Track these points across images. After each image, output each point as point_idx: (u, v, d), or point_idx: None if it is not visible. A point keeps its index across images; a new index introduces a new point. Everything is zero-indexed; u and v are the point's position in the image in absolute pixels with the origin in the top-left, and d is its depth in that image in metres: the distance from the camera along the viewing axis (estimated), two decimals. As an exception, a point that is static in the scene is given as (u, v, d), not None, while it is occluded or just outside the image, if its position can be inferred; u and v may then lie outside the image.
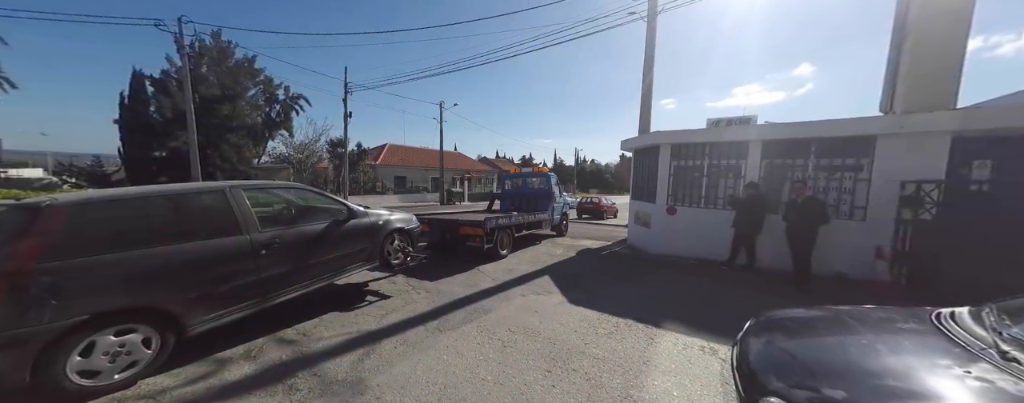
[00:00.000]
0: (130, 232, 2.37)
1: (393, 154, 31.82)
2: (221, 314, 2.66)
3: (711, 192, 6.39)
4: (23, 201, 2.37)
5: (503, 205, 9.48)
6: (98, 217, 2.31)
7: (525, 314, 3.62)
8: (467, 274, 5.21)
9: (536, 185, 9.39)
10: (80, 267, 2.10)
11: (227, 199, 2.87)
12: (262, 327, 3.11)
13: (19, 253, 1.99)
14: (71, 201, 2.28)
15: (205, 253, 2.60)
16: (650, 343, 3.01)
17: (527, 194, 9.25)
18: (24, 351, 1.91)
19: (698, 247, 6.43)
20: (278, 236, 3.02)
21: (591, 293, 4.42)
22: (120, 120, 21.20)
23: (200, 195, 2.86)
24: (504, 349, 2.83)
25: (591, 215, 16.96)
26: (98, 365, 2.14)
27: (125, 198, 2.52)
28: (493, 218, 6.19)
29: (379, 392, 2.22)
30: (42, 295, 1.97)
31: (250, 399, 2.15)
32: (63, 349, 2.01)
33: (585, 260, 6.61)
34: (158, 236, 2.47)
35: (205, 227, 2.70)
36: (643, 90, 9.38)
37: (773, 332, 1.86)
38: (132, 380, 2.26)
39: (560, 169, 76.88)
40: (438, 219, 6.48)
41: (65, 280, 2.04)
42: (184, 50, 15.70)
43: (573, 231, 10.80)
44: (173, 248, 2.46)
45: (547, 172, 9.28)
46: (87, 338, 2.10)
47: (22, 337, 1.90)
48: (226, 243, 2.72)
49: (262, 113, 26.45)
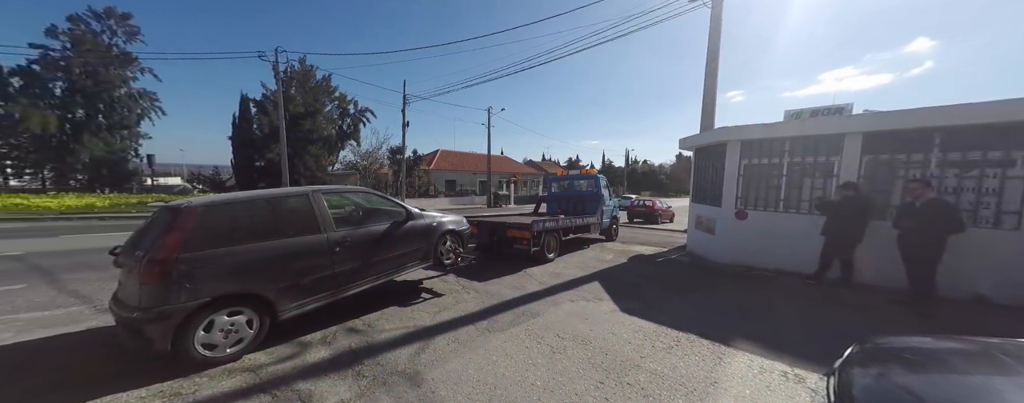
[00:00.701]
0: (240, 230, 2.76)
1: (444, 159, 33.61)
2: (304, 303, 2.99)
3: (792, 194, 5.56)
4: (169, 203, 2.93)
5: (550, 208, 9.37)
6: (218, 217, 2.72)
7: (574, 321, 3.52)
8: (514, 276, 5.24)
9: (584, 188, 9.13)
10: (206, 258, 2.50)
11: (310, 202, 3.21)
12: (335, 317, 3.47)
13: (167, 245, 2.41)
14: (201, 203, 2.73)
15: (293, 249, 2.94)
16: (718, 362, 2.70)
17: (574, 197, 9.03)
18: (168, 324, 2.32)
19: (775, 257, 5.63)
20: (349, 235, 3.31)
21: (646, 302, 4.13)
22: (232, 136, 25.78)
23: (290, 198, 3.22)
24: (553, 355, 2.77)
25: (644, 219, 15.90)
26: (215, 340, 2.54)
27: (237, 201, 2.96)
28: (540, 221, 6.13)
29: (433, 386, 2.33)
30: (180, 279, 2.37)
31: (326, 380, 2.41)
32: (192, 325, 2.42)
33: (638, 267, 6.22)
34: (259, 233, 2.84)
35: (293, 226, 3.05)
36: (706, 82, 8.55)
37: (888, 364, 1.53)
38: (239, 355, 2.66)
39: (609, 171, 73.76)
40: (486, 221, 6.59)
41: (195, 268, 2.43)
42: (278, 75, 18.57)
43: (624, 236, 10.25)
44: (270, 244, 2.83)
45: (596, 174, 8.96)
46: (209, 317, 2.50)
47: (167, 313, 2.31)
48: (309, 240, 3.05)
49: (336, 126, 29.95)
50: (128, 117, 30.94)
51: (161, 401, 2.12)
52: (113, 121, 29.88)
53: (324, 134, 27.60)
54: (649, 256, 7.23)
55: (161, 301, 2.32)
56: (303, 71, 27.07)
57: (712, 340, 3.07)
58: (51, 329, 3.19)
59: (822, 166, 5.29)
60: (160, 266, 2.34)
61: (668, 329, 3.31)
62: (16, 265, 5.55)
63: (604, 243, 8.69)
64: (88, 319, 3.42)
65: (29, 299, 3.97)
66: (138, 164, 31.83)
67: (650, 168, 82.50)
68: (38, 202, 14.96)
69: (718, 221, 6.42)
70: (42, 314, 3.54)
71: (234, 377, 2.40)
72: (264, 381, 2.37)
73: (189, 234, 2.50)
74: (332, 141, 28.87)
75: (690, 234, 7.91)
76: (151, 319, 2.30)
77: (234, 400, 2.15)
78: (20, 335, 3.06)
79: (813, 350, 2.87)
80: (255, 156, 25.52)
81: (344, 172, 29.30)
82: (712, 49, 8.52)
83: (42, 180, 28.99)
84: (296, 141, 24.36)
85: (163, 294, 2.33)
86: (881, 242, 4.43)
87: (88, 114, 28.82)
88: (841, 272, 4.77)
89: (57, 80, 27.84)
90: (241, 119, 25.76)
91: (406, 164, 23.85)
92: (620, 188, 54.59)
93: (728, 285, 4.98)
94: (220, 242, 2.62)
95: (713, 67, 8.51)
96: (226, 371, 2.48)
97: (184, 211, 2.58)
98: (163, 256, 2.37)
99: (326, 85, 28.67)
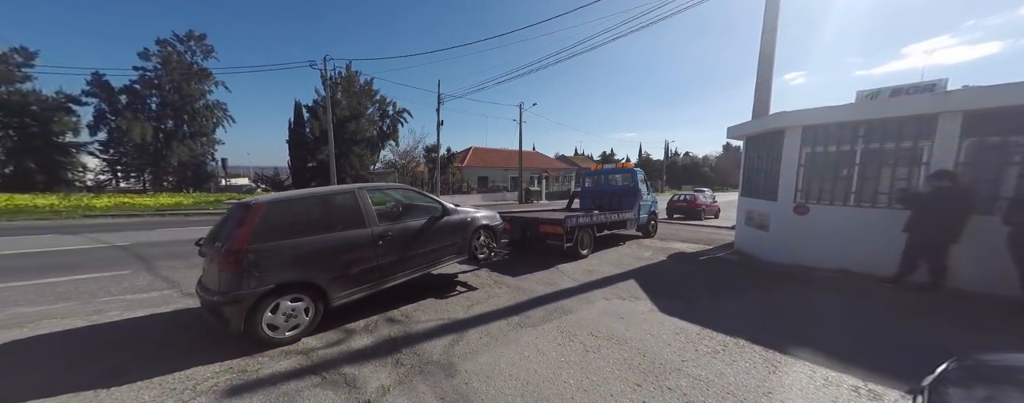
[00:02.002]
0: (298, 224, 3.02)
1: (476, 156, 34.16)
2: (352, 292, 3.21)
3: (867, 185, 4.87)
4: (241, 200, 3.29)
5: (583, 203, 9.12)
6: (280, 213, 2.99)
7: (609, 319, 3.40)
8: (546, 272, 5.20)
9: (619, 182, 8.75)
10: (271, 249, 2.76)
11: (356, 199, 3.43)
12: (376, 306, 3.68)
13: (240, 237, 2.69)
14: (265, 200, 3.00)
15: (342, 241, 3.16)
16: (772, 371, 2.45)
17: (609, 192, 8.71)
18: (241, 307, 2.62)
19: (842, 256, 5.00)
20: (390, 229, 3.50)
21: (688, 303, 3.88)
22: (288, 139, 28.40)
23: (338, 196, 3.44)
24: (586, 354, 2.70)
25: (685, 215, 14.89)
26: (278, 323, 2.82)
27: (295, 199, 3.23)
28: (573, 217, 6.00)
29: (467, 378, 2.38)
30: (250, 268, 2.64)
31: (369, 365, 2.56)
32: (261, 309, 2.70)
33: (679, 265, 5.86)
34: (314, 227, 3.08)
35: (342, 221, 3.27)
36: (760, 64, 7.73)
37: (999, 385, 1.27)
38: (297, 338, 2.91)
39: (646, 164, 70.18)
40: (519, 216, 6.59)
41: (262, 258, 2.70)
42: (326, 82, 20.06)
43: (663, 232, 9.73)
44: (323, 236, 3.07)
45: (632, 167, 8.54)
46: (274, 302, 2.77)
47: (241, 297, 2.61)
48: (356, 234, 3.27)
49: (377, 127, 31.72)
50: (206, 126, 35.36)
51: (232, 375, 2.41)
52: (195, 129, 34.38)
53: (367, 135, 29.38)
54: (691, 254, 6.77)
55: (236, 287, 2.61)
56: (348, 77, 28.94)
57: (765, 346, 2.80)
58: (149, 309, 3.74)
59: (907, 153, 4.56)
60: (234, 256, 2.63)
61: (713, 332, 3.08)
62: (124, 254, 6.59)
63: (641, 240, 8.30)
64: (176, 302, 3.96)
65: (133, 283, 4.68)
66: (214, 167, 36.31)
67: (692, 160, 77.15)
68: (140, 201, 17.71)
69: (773, 217, 5.82)
70: (142, 296, 4.16)
71: (290, 358, 2.65)
72: (315, 363, 2.58)
73: (256, 228, 2.76)
74: (374, 141, 30.65)
75: (739, 231, 7.28)
76: (228, 302, 2.59)
77: (290, 379, 2.37)
78: (125, 313, 3.62)
79: (892, 363, 2.50)
80: (308, 157, 27.91)
81: (384, 171, 31.00)
82: (768, 26, 7.66)
83: (143, 182, 34.22)
84: (342, 142, 26.20)
85: (238, 281, 2.62)
86: (986, 241, 3.73)
87: (176, 124, 33.46)
88: (930, 275, 4.10)
89: (152, 96, 32.62)
90: (295, 123, 28.28)
91: (440, 162, 24.62)
92: (658, 182, 51.74)
93: (783, 286, 4.51)
94: (282, 235, 2.87)
95: (768, 46, 7.66)
96: (283, 352, 2.74)
97: (252, 208, 2.86)
98: (237, 247, 2.65)
99: (368, 89, 30.42)
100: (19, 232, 9.30)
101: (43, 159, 29.74)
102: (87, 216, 13.24)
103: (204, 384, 2.29)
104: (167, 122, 33.08)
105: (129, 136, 30.30)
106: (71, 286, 4.49)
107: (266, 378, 2.38)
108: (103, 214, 13.76)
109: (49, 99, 30.08)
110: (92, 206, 15.05)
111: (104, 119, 31.22)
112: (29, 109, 28.72)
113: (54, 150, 30.65)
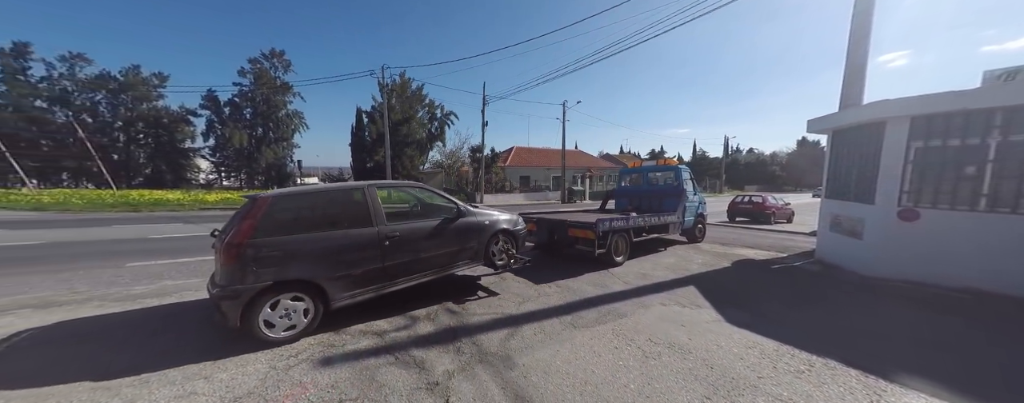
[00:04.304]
0: (302, 220, 2.89)
1: (519, 156, 34.43)
2: (354, 294, 3.02)
3: (1007, 186, 3.97)
4: (251, 193, 3.22)
5: (619, 204, 8.55)
6: (285, 207, 2.87)
7: (668, 326, 3.23)
8: (595, 274, 5.07)
9: (661, 181, 8.05)
10: (271, 244, 2.64)
11: (365, 196, 3.25)
12: (434, 297, 3.92)
13: (242, 230, 2.59)
14: (272, 194, 2.87)
15: (347, 240, 2.99)
16: (876, 399, 2.14)
17: (649, 192, 8.03)
18: (238, 301, 2.52)
19: (968, 271, 4.14)
20: (399, 229, 3.30)
21: (761, 315, 3.53)
22: (351, 143, 31.45)
23: (346, 192, 3.27)
24: (646, 360, 2.61)
25: (750, 218, 13.44)
26: (274, 321, 2.70)
27: (302, 193, 3.08)
28: (606, 220, 5.46)
29: (525, 371, 2.44)
30: (250, 263, 2.53)
31: (433, 350, 2.76)
32: (257, 305, 2.60)
33: (745, 273, 5.33)
34: (318, 224, 2.94)
35: (348, 218, 3.11)
36: (850, 46, 6.66)
37: None
38: (294, 338, 2.77)
39: (701, 162, 64.59)
40: (546, 218, 6.11)
41: (262, 253, 2.59)
42: (384, 89, 21.85)
43: (725, 237, 8.95)
44: (326, 234, 2.91)
45: (676, 165, 7.74)
46: (273, 299, 2.65)
47: (238, 292, 2.51)
48: (361, 233, 3.09)
49: (426, 130, 33.68)
50: (287, 132, 40.74)
51: (323, 348, 2.75)
52: (278, 135, 39.84)
53: (417, 137, 31.36)
54: (760, 262, 6.12)
55: (234, 281, 2.53)
56: (401, 83, 31.13)
57: (863, 371, 2.44)
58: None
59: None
60: (235, 249, 2.55)
61: (795, 349, 2.77)
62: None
63: (691, 245, 7.69)
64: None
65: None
66: (292, 167, 41.64)
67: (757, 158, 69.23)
68: (237, 196, 21.00)
69: (868, 222, 5.01)
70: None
71: (368, 338, 2.95)
72: (388, 344, 2.84)
73: (260, 222, 2.66)
74: (423, 143, 32.59)
75: (821, 238, 6.38)
76: (226, 296, 2.53)
77: (369, 356, 2.65)
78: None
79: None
80: (366, 158, 30.63)
81: (432, 171, 32.77)
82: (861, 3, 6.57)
83: (240, 181, 40.45)
84: (395, 144, 28.27)
85: (236, 275, 2.54)
86: None
87: (264, 131, 39.02)
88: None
89: (246, 107, 38.44)
90: (356, 128, 31.22)
91: (484, 161, 25.28)
92: (716, 182, 47.26)
93: (882, 304, 3.87)
94: (284, 230, 2.76)
95: (862, 26, 6.56)
96: (361, 332, 3.06)
97: (258, 202, 2.78)
98: (238, 240, 2.57)
99: (418, 94, 32.43)
100: (158, 221, 11.63)
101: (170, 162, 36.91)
102: (202, 209, 16.09)
103: (303, 354, 2.66)
104: (257, 129, 38.77)
105: (231, 142, 36.22)
106: (200, 265, 5.49)
107: (350, 353, 2.69)
108: (213, 207, 16.59)
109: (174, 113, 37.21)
110: (206, 200, 18.25)
111: (213, 128, 37.64)
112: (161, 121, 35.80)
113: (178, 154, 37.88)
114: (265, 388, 2.21)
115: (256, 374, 2.37)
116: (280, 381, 2.29)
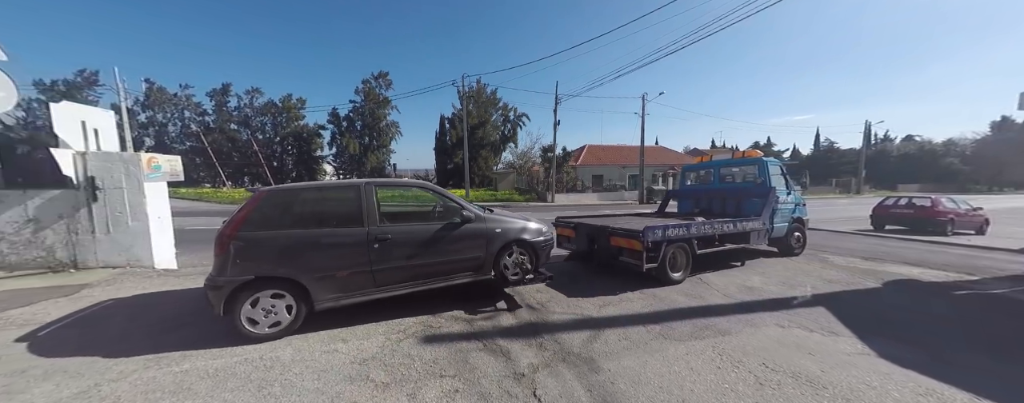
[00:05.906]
0: (290, 216, 2.85)
1: (591, 154, 33.18)
2: (339, 297, 2.92)
3: None
4: (253, 187, 3.78)
5: (682, 206, 7.30)
6: (276, 202, 2.85)
7: (790, 352, 2.74)
8: (688, 283, 4.58)
9: (739, 177, 6.53)
10: (257, 239, 2.64)
11: (359, 195, 3.07)
12: (516, 294, 4.06)
13: (233, 222, 2.61)
14: (268, 189, 2.89)
15: (331, 239, 2.88)
16: None
17: (721, 191, 6.57)
18: (221, 293, 2.57)
19: None
20: (390, 231, 3.09)
21: (936, 355, 2.72)
22: (434, 147, 35.11)
23: (339, 189, 3.21)
24: (761, 388, 2.26)
25: (909, 227, 10.28)
26: (257, 317, 2.70)
27: (295, 189, 3.02)
28: (658, 227, 4.34)
29: (611, 377, 2.36)
30: (234, 256, 2.55)
31: (517, 342, 2.89)
32: (239, 298, 2.62)
33: (905, 298, 4.18)
34: (305, 221, 2.88)
35: (337, 217, 3.00)
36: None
37: None
38: (278, 335, 2.75)
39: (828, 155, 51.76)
40: (585, 224, 5.37)
41: (248, 247, 2.61)
42: (463, 95, 23.76)
43: (868, 249, 7.16)
44: (311, 232, 2.84)
45: (759, 157, 6.16)
46: (254, 295, 2.63)
47: (219, 283, 2.56)
48: (348, 233, 2.95)
49: (499, 132, 35.39)
50: (386, 140, 47.80)
51: (423, 327, 3.15)
52: (379, 143, 47.04)
53: (491, 140, 33.24)
54: (929, 284, 4.70)
55: (219, 272, 2.58)
56: (478, 89, 33.38)
57: None
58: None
59: None
60: (223, 240, 2.60)
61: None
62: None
63: (800, 258, 6.25)
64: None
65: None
66: (389, 170, 48.70)
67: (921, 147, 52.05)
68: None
69: None
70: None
71: (459, 323, 3.26)
72: (476, 332, 3.08)
73: (250, 215, 2.68)
74: (496, 145, 34.34)
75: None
76: (211, 286, 2.59)
77: (462, 340, 2.92)
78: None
79: None
80: (447, 160, 33.82)
81: (505, 171, 34.14)
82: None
83: (352, 182, 49.19)
84: (471, 147, 30.43)
85: (221, 266, 2.58)
86: None
87: (370, 140, 46.60)
88: None
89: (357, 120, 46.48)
90: (440, 133, 34.74)
91: (555, 161, 25.21)
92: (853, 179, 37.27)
93: None
94: (272, 225, 2.74)
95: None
96: (453, 317, 3.38)
97: (255, 195, 2.82)
98: (228, 232, 2.61)
99: (493, 98, 34.32)
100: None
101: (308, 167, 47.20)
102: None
103: (408, 330, 3.09)
104: (365, 138, 46.46)
105: (347, 150, 44.32)
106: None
107: (445, 335, 3.01)
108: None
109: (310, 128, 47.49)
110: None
111: (334, 139, 46.64)
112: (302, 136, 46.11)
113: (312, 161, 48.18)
114: (384, 354, 2.65)
115: (376, 344, 2.82)
116: (394, 351, 2.71)
